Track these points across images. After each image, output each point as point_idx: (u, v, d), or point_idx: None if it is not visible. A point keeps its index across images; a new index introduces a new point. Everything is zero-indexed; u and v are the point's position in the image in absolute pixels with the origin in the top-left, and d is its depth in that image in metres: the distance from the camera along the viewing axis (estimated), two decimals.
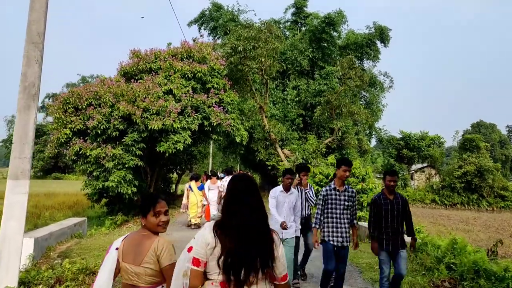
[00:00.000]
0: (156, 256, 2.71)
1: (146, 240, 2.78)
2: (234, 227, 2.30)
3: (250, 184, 2.45)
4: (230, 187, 2.49)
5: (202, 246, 2.30)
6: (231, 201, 2.41)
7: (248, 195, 2.39)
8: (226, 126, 15.05)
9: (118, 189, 13.02)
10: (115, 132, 13.19)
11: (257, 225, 2.34)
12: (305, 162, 18.85)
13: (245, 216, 2.32)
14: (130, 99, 13.40)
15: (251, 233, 2.30)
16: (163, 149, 13.54)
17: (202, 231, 2.39)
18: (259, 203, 2.41)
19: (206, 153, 24.27)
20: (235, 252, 2.24)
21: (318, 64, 27.84)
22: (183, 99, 14.39)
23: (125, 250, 2.80)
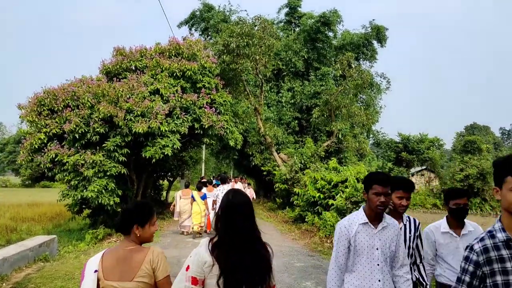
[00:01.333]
0: (152, 268, 2.50)
1: (136, 253, 2.52)
2: (229, 244, 2.25)
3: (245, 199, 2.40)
4: (224, 203, 2.39)
5: (199, 265, 2.25)
6: (226, 217, 2.33)
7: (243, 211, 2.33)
8: (218, 128, 13.64)
9: (99, 200, 11.51)
10: (95, 136, 11.71)
11: (254, 241, 2.32)
12: (303, 167, 17.49)
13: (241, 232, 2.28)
14: (111, 100, 11.94)
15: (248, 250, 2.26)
16: (149, 154, 12.07)
17: (198, 250, 2.32)
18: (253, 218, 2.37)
19: (198, 159, 22.75)
20: (234, 272, 2.20)
21: (313, 65, 26.53)
22: (171, 100, 12.96)
23: (109, 268, 2.49)
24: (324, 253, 9.05)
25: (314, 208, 13.58)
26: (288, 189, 17.98)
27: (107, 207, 11.91)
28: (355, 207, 10.50)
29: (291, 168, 17.30)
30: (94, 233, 12.23)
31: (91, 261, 2.58)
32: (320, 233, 11.24)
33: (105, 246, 11.43)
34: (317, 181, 13.83)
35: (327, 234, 10.84)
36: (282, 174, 18.08)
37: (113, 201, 11.76)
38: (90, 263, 2.57)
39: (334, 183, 13.33)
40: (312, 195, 13.40)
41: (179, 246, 10.09)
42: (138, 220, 2.56)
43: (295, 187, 17.57)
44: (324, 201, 13.19)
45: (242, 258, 2.23)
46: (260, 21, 16.06)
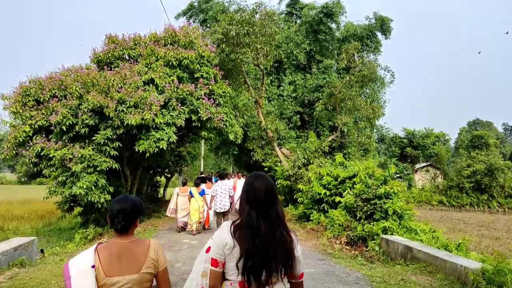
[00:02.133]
0: (156, 259, 2.42)
1: (138, 244, 2.42)
2: (252, 227, 2.20)
3: (267, 183, 2.32)
4: (247, 186, 2.34)
5: (220, 246, 2.22)
6: (248, 201, 2.28)
7: (265, 195, 2.26)
8: (217, 121, 12.73)
9: (88, 197, 10.60)
10: (84, 128, 10.80)
11: (276, 225, 2.23)
12: (306, 163, 16.60)
13: (263, 216, 2.22)
14: (102, 89, 11.03)
15: (269, 234, 2.19)
16: (142, 148, 11.16)
17: (220, 232, 2.29)
18: (276, 202, 2.30)
19: (197, 154, 21.83)
20: (254, 254, 2.15)
21: (315, 58, 25.58)
22: (166, 90, 12.05)
23: (110, 263, 2.31)
24: (336, 256, 8.13)
25: (320, 206, 12.69)
26: (290, 186, 17.08)
27: (97, 204, 11.01)
28: (366, 204, 9.61)
29: (294, 164, 16.39)
30: (84, 233, 11.33)
31: (75, 260, 2.37)
32: (327, 233, 10.34)
33: None
34: (323, 177, 12.93)
35: (335, 234, 9.94)
36: (284, 170, 17.18)
37: (103, 198, 10.86)
38: (76, 262, 2.36)
39: (341, 179, 12.43)
40: (317, 192, 12.50)
41: (173, 248, 9.19)
42: (138, 214, 2.48)
43: (298, 183, 16.66)
44: (331, 198, 12.30)
45: (263, 242, 2.17)
46: (261, 8, 15.11)
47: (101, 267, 2.32)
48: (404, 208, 9.51)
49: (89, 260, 2.33)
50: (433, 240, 8.51)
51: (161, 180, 23.18)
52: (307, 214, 13.21)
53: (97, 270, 2.30)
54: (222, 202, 10.65)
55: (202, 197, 11.67)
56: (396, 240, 7.66)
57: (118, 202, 2.45)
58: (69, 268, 2.34)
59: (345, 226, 9.88)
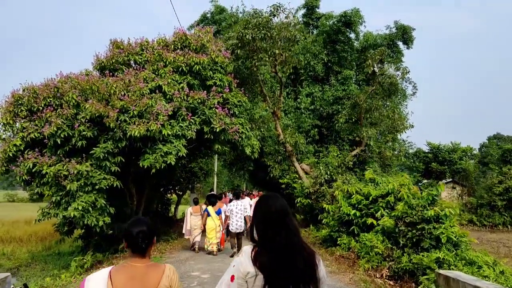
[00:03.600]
0: (169, 285, 2.38)
1: (153, 269, 2.38)
2: (271, 245, 2.10)
3: (282, 203, 2.23)
4: (261, 208, 2.26)
5: (241, 276, 2.09)
6: (264, 222, 2.19)
7: (281, 215, 2.17)
8: (232, 133, 11.21)
9: (85, 220, 9.11)
10: (82, 141, 9.39)
11: (293, 236, 2.14)
12: (329, 179, 14.95)
13: (284, 238, 2.11)
14: (102, 97, 9.64)
15: (289, 243, 2.10)
16: (147, 163, 9.68)
17: (240, 260, 2.15)
18: (291, 218, 2.22)
19: (209, 171, 20.29)
20: (277, 272, 2.04)
21: (333, 69, 24.10)
22: (175, 98, 10.62)
23: (125, 285, 2.29)
24: None
25: (349, 229, 11.02)
26: (311, 205, 15.43)
27: (95, 228, 9.51)
28: (410, 229, 7.91)
29: (316, 180, 14.76)
30: (80, 261, 9.83)
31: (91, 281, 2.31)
32: (363, 262, 8.62)
33: None
34: (351, 195, 11.27)
35: (374, 265, 8.22)
36: (305, 187, 15.55)
37: (102, 221, 9.35)
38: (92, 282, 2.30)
39: (373, 198, 10.76)
40: (345, 213, 10.84)
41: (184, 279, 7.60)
42: (154, 233, 2.45)
43: (320, 202, 15.01)
44: (361, 220, 10.61)
45: (284, 253, 2.08)
46: (279, 10, 13.70)
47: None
48: (459, 234, 7.79)
49: (102, 284, 2.29)
50: (502, 277, 6.76)
51: (172, 197, 21.68)
52: (333, 238, 11.51)
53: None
54: (238, 222, 10.48)
55: (219, 216, 11.26)
56: (460, 278, 5.92)
57: (134, 225, 2.39)
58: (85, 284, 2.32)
59: (386, 256, 8.16)
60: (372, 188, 11.16)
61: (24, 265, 11.33)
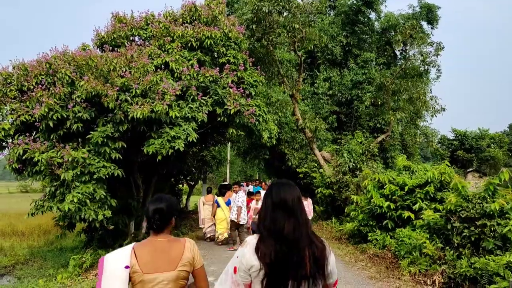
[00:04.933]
0: (192, 257, 2.43)
1: (175, 243, 2.44)
2: (275, 232, 1.96)
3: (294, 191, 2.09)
4: (270, 194, 2.10)
5: (244, 269, 1.98)
6: (272, 206, 2.04)
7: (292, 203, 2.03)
8: (248, 115, 9.82)
9: (82, 214, 7.85)
10: (77, 124, 8.09)
11: (303, 229, 1.98)
12: (353, 168, 13.52)
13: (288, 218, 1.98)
14: (100, 73, 8.31)
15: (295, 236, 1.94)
16: (152, 149, 8.35)
17: (244, 251, 2.02)
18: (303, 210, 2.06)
19: (222, 159, 18.90)
20: (278, 264, 1.90)
21: (352, 52, 22.50)
22: (184, 76, 9.27)
23: (147, 261, 2.34)
24: None
25: (381, 223, 9.62)
26: (333, 195, 14.04)
27: (95, 223, 8.27)
28: (467, 226, 6.47)
29: (339, 169, 13.34)
30: (79, 260, 8.62)
31: (112, 256, 2.37)
32: (405, 264, 7.22)
33: (90, 279, 7.80)
34: (383, 185, 9.85)
35: (422, 269, 6.80)
36: (326, 177, 14.15)
37: (102, 215, 8.07)
38: (110, 258, 2.36)
39: (409, 188, 9.33)
40: (377, 205, 9.42)
41: None
42: (174, 212, 2.50)
43: (342, 192, 13.61)
44: (396, 213, 9.20)
45: (288, 245, 1.92)
46: None
47: (138, 264, 2.33)
48: None
49: (124, 260, 2.33)
50: None
51: (183, 188, 20.44)
52: (362, 233, 10.12)
53: (133, 268, 2.32)
54: (241, 215, 10.19)
55: (229, 207, 10.92)
56: None
57: (154, 202, 2.45)
58: (104, 262, 2.35)
59: (436, 258, 6.74)
60: (407, 177, 9.72)
61: (21, 262, 10.21)
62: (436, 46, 12.93)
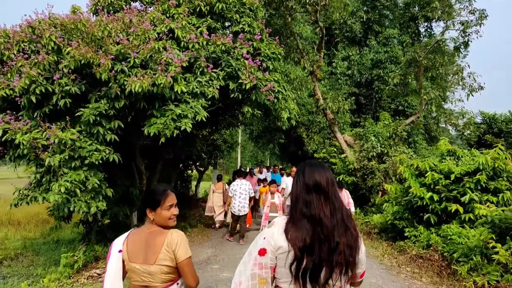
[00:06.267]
0: (172, 251, 2.30)
1: (156, 236, 2.36)
2: (311, 216, 1.83)
3: (327, 173, 1.96)
4: (302, 175, 1.95)
5: (272, 250, 1.85)
6: (306, 189, 1.91)
7: (327, 184, 1.89)
8: (266, 92, 8.39)
9: (71, 206, 6.57)
10: (65, 99, 6.74)
11: (340, 214, 1.86)
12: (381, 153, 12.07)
13: (325, 202, 1.86)
14: (91, 38, 6.93)
15: (333, 222, 1.83)
16: (154, 130, 6.99)
17: (272, 231, 1.89)
18: (336, 191, 1.93)
19: (234, 143, 17.50)
20: (312, 249, 1.78)
21: (373, 29, 20.82)
22: (192, 45, 7.85)
23: (132, 250, 2.36)
24: None
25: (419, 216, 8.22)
26: (356, 183, 12.64)
27: (87, 217, 7.00)
28: None
29: (365, 154, 11.90)
30: (71, 258, 7.38)
31: (117, 241, 2.46)
32: (462, 270, 5.83)
33: (81, 283, 6.56)
34: (423, 173, 8.41)
35: (491, 281, 5.39)
36: (348, 163, 12.73)
37: (95, 207, 6.77)
38: (116, 242, 2.46)
39: (456, 176, 7.88)
40: (417, 195, 8.00)
41: None
42: (148, 204, 2.43)
43: (367, 180, 12.21)
44: (440, 206, 7.77)
45: (325, 231, 1.80)
46: None
47: (126, 251, 2.35)
48: None
49: (119, 244, 2.40)
50: None
51: (193, 174, 19.16)
52: (397, 228, 8.72)
53: (123, 254, 2.35)
54: (241, 204, 9.55)
55: None
56: None
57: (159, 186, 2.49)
58: (112, 247, 2.43)
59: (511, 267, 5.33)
60: (452, 164, 8.24)
61: (10, 257, 9.03)
62: (479, 14, 11.30)
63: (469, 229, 7.12)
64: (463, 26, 11.27)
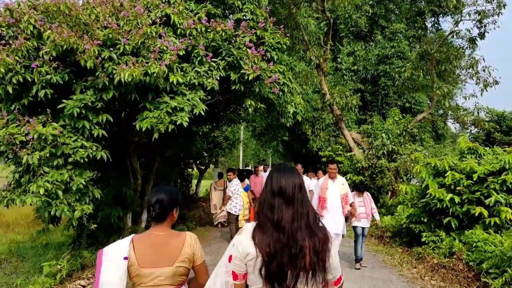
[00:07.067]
0: (192, 253, 2.28)
1: (174, 237, 2.28)
2: (273, 220, 1.78)
3: (295, 178, 1.87)
4: (273, 181, 1.89)
5: (240, 258, 1.81)
6: (271, 192, 1.85)
7: (295, 191, 1.83)
8: (270, 84, 7.59)
9: (52, 209, 5.80)
10: (46, 89, 5.96)
11: (304, 219, 1.80)
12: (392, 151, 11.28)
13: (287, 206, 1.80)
14: (76, 22, 6.15)
15: (295, 225, 1.77)
16: (147, 124, 6.20)
17: (240, 238, 1.85)
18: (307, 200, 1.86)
19: (235, 141, 16.70)
20: (276, 254, 1.73)
21: (379, 24, 20.04)
22: (189, 31, 7.06)
23: (143, 255, 2.21)
24: None
25: (440, 220, 7.44)
26: (364, 182, 11.85)
27: (72, 221, 6.24)
28: None
29: (375, 152, 11.11)
30: (54, 267, 6.60)
31: (110, 248, 2.26)
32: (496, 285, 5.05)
33: None
34: (442, 172, 7.61)
35: None
36: (355, 161, 11.94)
37: (80, 210, 5.99)
38: (109, 250, 2.25)
39: (479, 177, 7.08)
40: (436, 197, 7.20)
41: None
42: (175, 203, 2.33)
43: (376, 179, 11.42)
44: (461, 209, 6.98)
45: (288, 235, 1.75)
46: None
47: (136, 257, 2.22)
48: None
49: (123, 251, 2.23)
50: None
51: (193, 172, 18.38)
52: (412, 231, 7.93)
53: (131, 261, 2.21)
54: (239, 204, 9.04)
55: (247, 193, 10.23)
56: None
57: (154, 192, 2.33)
58: (102, 255, 2.24)
59: None
60: (474, 162, 7.44)
61: None
62: (497, 2, 10.47)
63: (495, 235, 6.35)
64: (480, 16, 10.45)
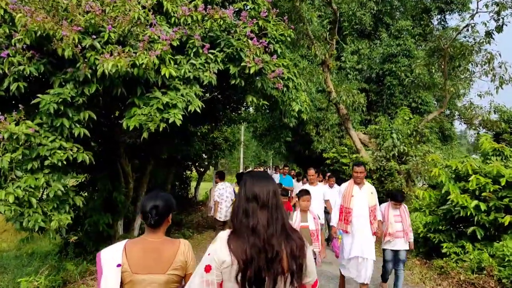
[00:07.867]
0: (185, 260, 2.22)
1: (167, 244, 2.23)
2: (249, 226, 1.76)
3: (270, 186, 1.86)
4: (246, 188, 1.88)
5: (217, 266, 1.76)
6: (246, 199, 1.83)
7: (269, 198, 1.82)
8: (273, 79, 6.80)
9: (24, 220, 5.00)
10: (18, 82, 5.16)
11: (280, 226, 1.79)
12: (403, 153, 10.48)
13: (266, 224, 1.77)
14: (53, 6, 5.35)
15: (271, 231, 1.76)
16: (134, 122, 5.39)
17: (215, 246, 1.81)
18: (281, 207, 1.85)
19: (236, 142, 15.87)
20: (252, 260, 1.71)
21: (383, 21, 19.27)
22: (184, 19, 6.27)
23: (136, 261, 2.16)
24: None
25: (461, 228, 6.63)
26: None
27: (49, 233, 5.44)
28: None
29: (383, 154, 10.30)
30: (31, 283, 5.80)
31: (107, 253, 2.20)
32: None
33: None
34: (464, 176, 6.80)
35: None
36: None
37: (57, 221, 5.18)
38: (106, 255, 2.19)
39: (507, 181, 6.27)
40: (459, 204, 6.39)
41: None
42: (170, 210, 2.29)
43: (385, 183, 10.61)
44: (488, 218, 6.17)
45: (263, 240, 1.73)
46: None
47: (128, 264, 2.16)
48: None
49: (117, 257, 2.17)
50: None
51: (192, 175, 17.57)
52: (431, 241, 7.11)
53: (124, 267, 2.16)
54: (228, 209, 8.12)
55: None
56: None
57: (150, 198, 2.24)
58: (101, 261, 2.19)
59: None
60: (501, 165, 6.62)
61: None
62: None
63: None
64: (498, 7, 9.66)
